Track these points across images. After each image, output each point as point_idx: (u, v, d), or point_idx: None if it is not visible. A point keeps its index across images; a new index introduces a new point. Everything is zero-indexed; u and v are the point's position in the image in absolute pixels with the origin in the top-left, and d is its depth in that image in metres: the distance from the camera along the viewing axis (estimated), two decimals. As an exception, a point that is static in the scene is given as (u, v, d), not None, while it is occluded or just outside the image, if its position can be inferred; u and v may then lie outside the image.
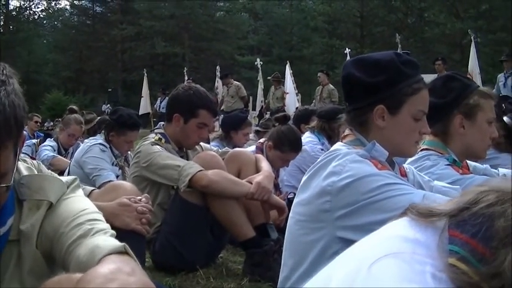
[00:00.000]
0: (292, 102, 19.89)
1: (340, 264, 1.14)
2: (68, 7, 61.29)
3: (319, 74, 18.58)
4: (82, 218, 1.90)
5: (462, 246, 0.97)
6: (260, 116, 19.63)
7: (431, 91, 2.78)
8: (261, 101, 22.18)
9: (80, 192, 2.06)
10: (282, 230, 3.71)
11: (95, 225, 1.87)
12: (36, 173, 2.00)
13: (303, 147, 5.92)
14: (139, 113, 22.31)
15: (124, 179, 6.14)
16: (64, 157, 8.03)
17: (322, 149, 6.53)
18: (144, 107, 26.27)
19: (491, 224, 0.96)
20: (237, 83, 19.39)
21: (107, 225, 1.92)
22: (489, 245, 0.95)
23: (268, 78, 20.72)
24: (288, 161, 5.81)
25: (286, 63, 22.12)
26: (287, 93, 20.04)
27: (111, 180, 5.62)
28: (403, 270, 0.96)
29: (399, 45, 20.13)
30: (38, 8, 65.98)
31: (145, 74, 27.73)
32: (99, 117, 9.66)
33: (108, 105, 29.69)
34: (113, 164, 6.39)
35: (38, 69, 55.45)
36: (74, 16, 60.22)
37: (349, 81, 2.67)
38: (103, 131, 6.68)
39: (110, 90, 39.03)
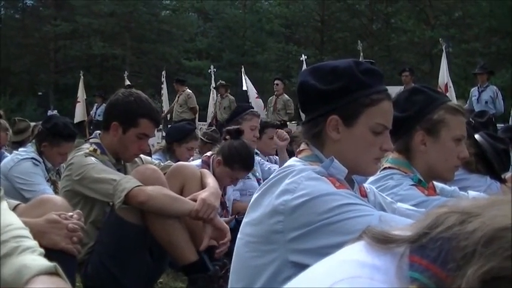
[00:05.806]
0: (260, 106, 19.93)
1: (294, 288, 1.15)
2: (-6, -2, 60.50)
3: (277, 82, 18.41)
4: (7, 234, 1.87)
5: (422, 272, 0.99)
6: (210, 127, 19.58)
7: (395, 104, 2.79)
8: (212, 112, 22.02)
9: (4, 205, 2.04)
10: (228, 254, 3.71)
11: (21, 243, 1.85)
12: None
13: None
14: (75, 121, 22.04)
15: (57, 194, 6.05)
16: (-14, 167, 7.91)
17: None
18: (80, 113, 25.60)
19: (450, 247, 0.98)
20: (189, 91, 19.09)
21: (35, 243, 1.90)
22: (447, 268, 0.97)
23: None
24: (238, 179, 5.83)
25: (241, 68, 22.08)
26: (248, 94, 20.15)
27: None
28: (360, 296, 0.98)
29: (361, 53, 20.23)
30: (-41, -2, 65.04)
31: (82, 77, 27.32)
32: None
33: (55, 110, 28.96)
34: (46, 181, 6.31)
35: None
36: (1, 8, 59.30)
37: (303, 89, 2.69)
38: (33, 141, 6.59)
39: (40, 93, 38.48)
